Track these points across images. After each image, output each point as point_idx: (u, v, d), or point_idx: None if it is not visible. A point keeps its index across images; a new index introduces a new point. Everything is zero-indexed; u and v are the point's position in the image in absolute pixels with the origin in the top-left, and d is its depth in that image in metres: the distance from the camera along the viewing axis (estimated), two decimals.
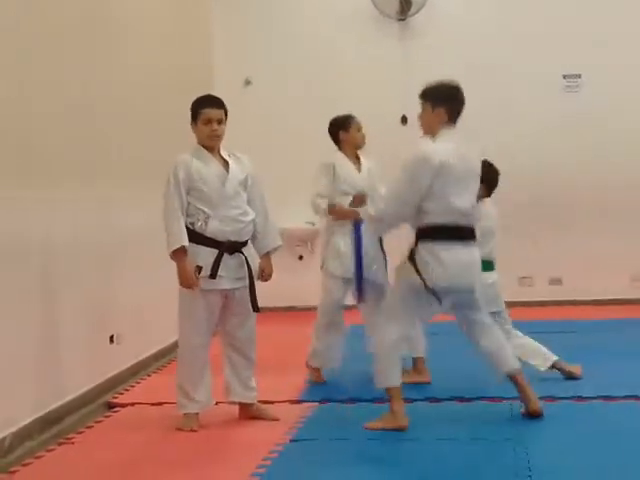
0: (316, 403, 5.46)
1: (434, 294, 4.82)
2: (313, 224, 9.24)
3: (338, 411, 5.30)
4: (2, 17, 4.63)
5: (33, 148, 4.95)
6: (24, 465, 4.46)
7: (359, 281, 5.82)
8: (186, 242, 4.82)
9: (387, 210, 4.95)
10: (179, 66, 7.80)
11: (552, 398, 5.32)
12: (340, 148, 6.05)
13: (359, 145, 6.06)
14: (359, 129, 6.03)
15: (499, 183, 5.77)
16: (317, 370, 6.05)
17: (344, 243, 5.90)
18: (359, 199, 5.89)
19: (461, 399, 5.41)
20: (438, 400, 5.41)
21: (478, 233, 5.09)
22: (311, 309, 6.56)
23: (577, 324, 7.93)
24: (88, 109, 5.71)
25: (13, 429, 4.62)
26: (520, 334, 5.86)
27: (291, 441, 4.71)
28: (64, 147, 5.33)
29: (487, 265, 5.64)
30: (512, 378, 5.05)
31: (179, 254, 4.83)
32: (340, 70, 9.31)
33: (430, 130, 4.95)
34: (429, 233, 4.84)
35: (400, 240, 5.06)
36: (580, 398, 5.35)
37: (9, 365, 4.57)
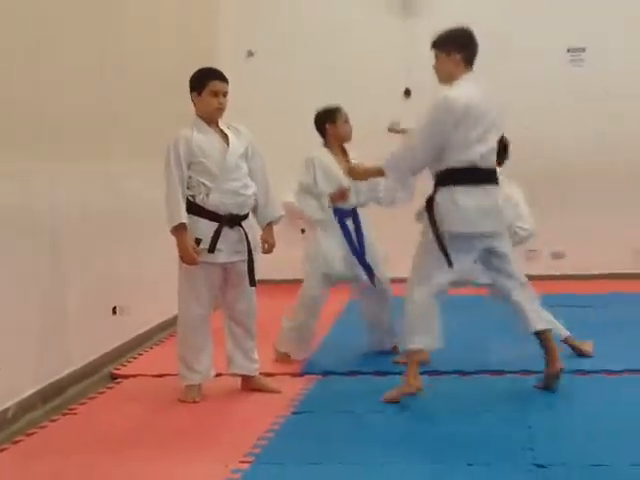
0: (318, 376, 5.47)
1: (442, 244, 4.71)
2: None
3: (340, 384, 5.31)
4: None
5: (40, 120, 4.93)
6: (28, 435, 4.48)
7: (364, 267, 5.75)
8: (185, 219, 4.81)
9: (406, 157, 4.83)
10: (183, 36, 7.75)
11: None
12: (326, 142, 5.85)
13: (345, 139, 5.85)
14: (346, 121, 5.81)
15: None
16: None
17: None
18: (339, 195, 5.71)
19: (463, 373, 5.41)
20: (440, 373, 5.39)
21: None
22: None
23: (582, 298, 7.89)
24: (94, 80, 5.69)
25: (16, 399, 4.65)
26: None
27: (293, 413, 4.73)
28: (71, 119, 5.31)
29: None
30: (540, 337, 4.97)
31: (179, 230, 4.82)
32: (343, 43, 9.24)
33: (448, 78, 4.87)
34: (448, 177, 4.76)
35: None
36: (583, 372, 5.34)
37: (12, 336, 4.58)
